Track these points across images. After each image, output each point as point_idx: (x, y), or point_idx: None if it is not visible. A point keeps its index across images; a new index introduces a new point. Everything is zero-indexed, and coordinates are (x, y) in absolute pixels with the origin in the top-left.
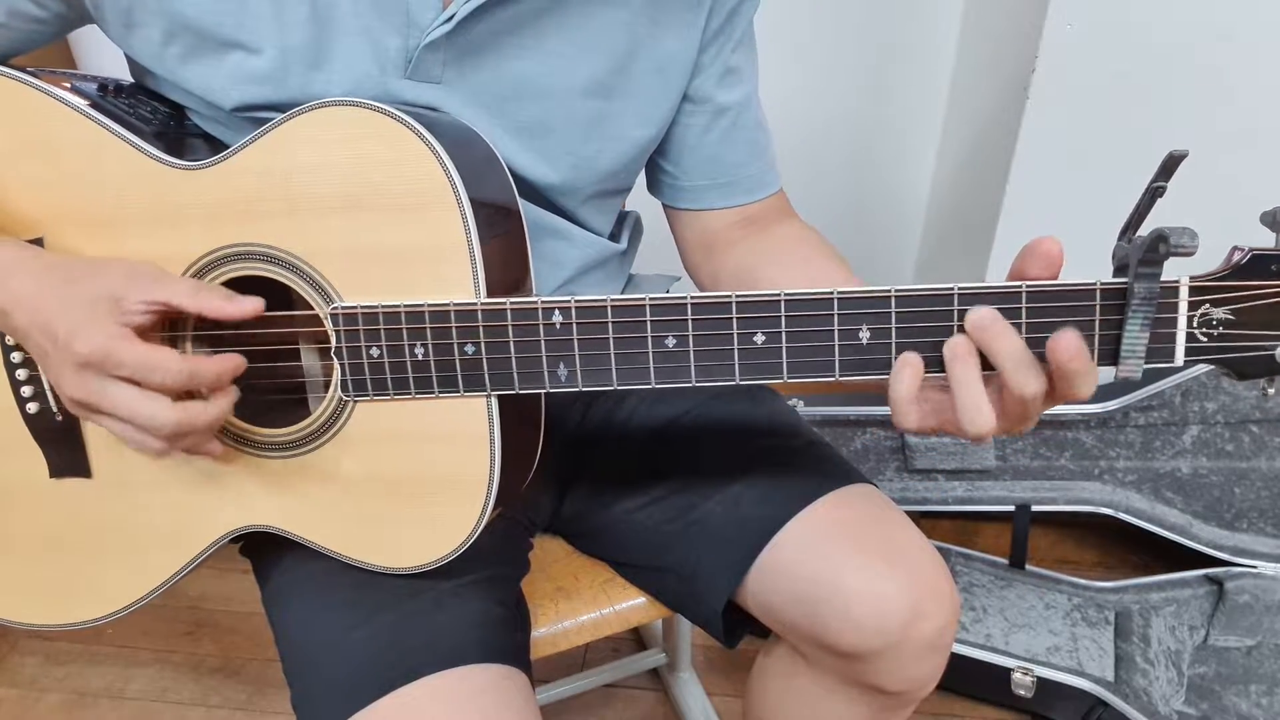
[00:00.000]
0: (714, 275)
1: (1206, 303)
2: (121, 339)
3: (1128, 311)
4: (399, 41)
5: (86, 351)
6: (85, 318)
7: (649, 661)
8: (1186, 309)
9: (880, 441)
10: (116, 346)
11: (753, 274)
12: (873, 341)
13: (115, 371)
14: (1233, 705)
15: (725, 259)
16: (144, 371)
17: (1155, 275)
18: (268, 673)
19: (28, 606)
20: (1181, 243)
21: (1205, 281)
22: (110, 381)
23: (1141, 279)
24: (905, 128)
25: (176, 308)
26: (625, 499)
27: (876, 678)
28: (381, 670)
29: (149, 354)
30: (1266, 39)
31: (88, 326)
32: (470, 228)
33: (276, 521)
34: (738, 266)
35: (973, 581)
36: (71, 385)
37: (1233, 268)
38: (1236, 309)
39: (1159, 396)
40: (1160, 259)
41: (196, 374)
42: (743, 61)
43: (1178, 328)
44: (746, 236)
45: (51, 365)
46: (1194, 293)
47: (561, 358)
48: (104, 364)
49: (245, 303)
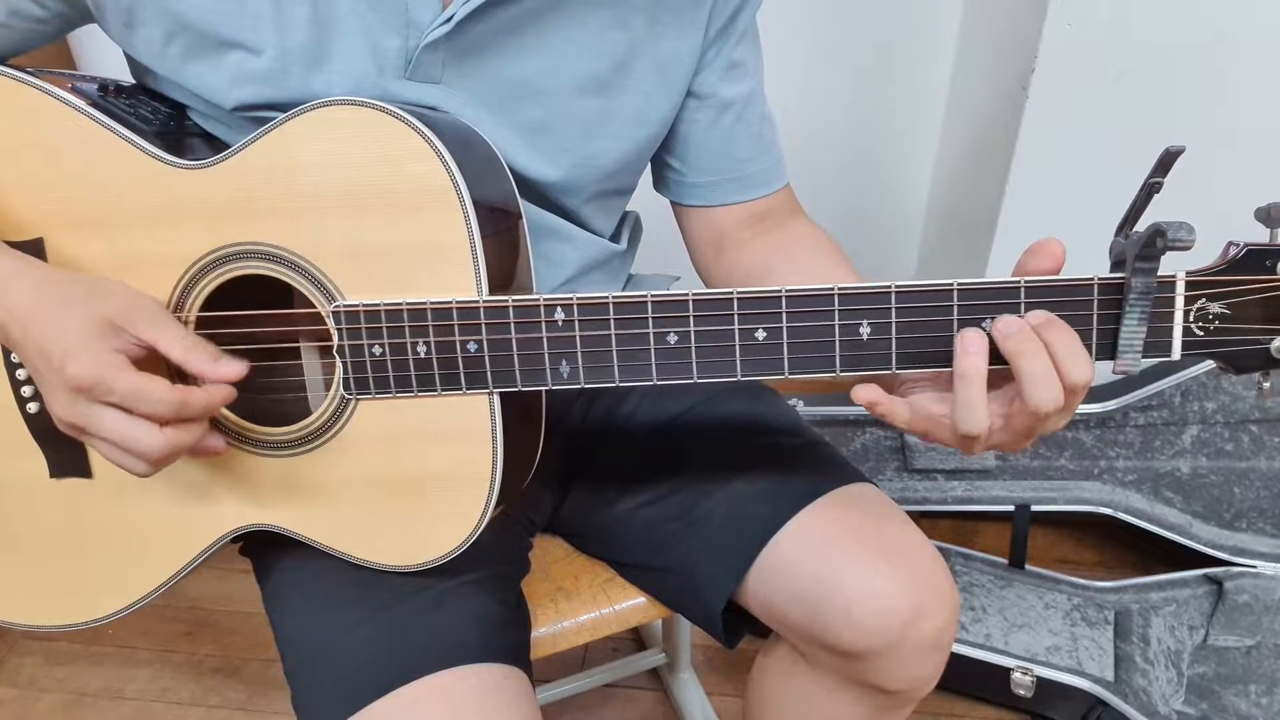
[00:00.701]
0: (727, 274)
1: (1203, 297)
2: (114, 367)
3: (1125, 306)
4: (398, 42)
5: (79, 376)
6: (80, 342)
7: (649, 661)
8: (1183, 303)
9: (880, 441)
10: (108, 374)
11: (770, 273)
12: (873, 337)
13: (105, 398)
14: (1232, 705)
15: (738, 257)
16: (132, 400)
17: (1152, 270)
18: (267, 673)
19: (28, 607)
20: (1179, 236)
21: (1202, 276)
22: (99, 407)
23: (1139, 273)
24: (905, 128)
25: (165, 355)
26: (626, 498)
27: (877, 677)
28: (382, 669)
29: (138, 383)
30: (1265, 39)
31: (82, 351)
32: (472, 226)
33: (278, 520)
34: (751, 265)
35: (972, 581)
36: (62, 407)
37: (1229, 263)
38: (1232, 303)
39: (1158, 396)
40: (1158, 253)
41: (186, 405)
42: (747, 56)
43: (1175, 322)
44: (759, 235)
45: (44, 383)
46: (1191, 287)
47: (564, 355)
48: (94, 390)
49: (230, 366)
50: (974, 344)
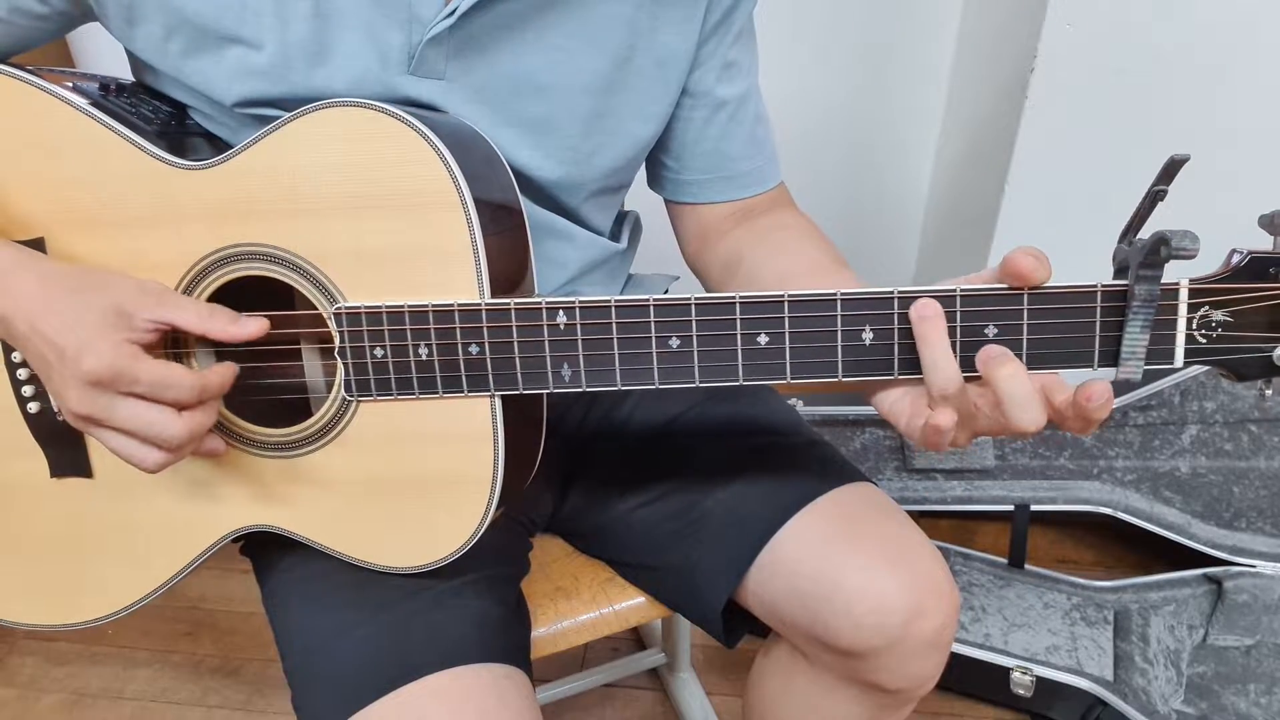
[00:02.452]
0: (706, 265)
1: (1206, 305)
2: (132, 357)
3: (1128, 313)
4: (401, 37)
5: (100, 369)
6: (93, 333)
7: (648, 661)
8: (1186, 311)
9: (879, 441)
10: (129, 365)
11: (740, 262)
12: (875, 342)
13: (129, 389)
14: (1231, 704)
15: (715, 248)
16: (158, 389)
17: (1156, 278)
18: (267, 673)
19: (29, 607)
20: (1183, 246)
21: (1205, 284)
22: (119, 397)
23: (1142, 281)
24: (904, 128)
25: (184, 329)
26: (626, 498)
27: (877, 676)
28: (382, 670)
29: (163, 371)
30: (1266, 39)
31: (97, 343)
32: (474, 228)
33: (278, 521)
34: (727, 255)
35: (972, 581)
36: (76, 401)
37: (1232, 270)
38: (1235, 311)
39: (1158, 396)
40: (1161, 262)
41: (207, 388)
42: (742, 55)
43: (1177, 329)
44: (736, 225)
45: (55, 379)
46: (1193, 295)
47: (565, 358)
48: (115, 382)
49: (250, 324)
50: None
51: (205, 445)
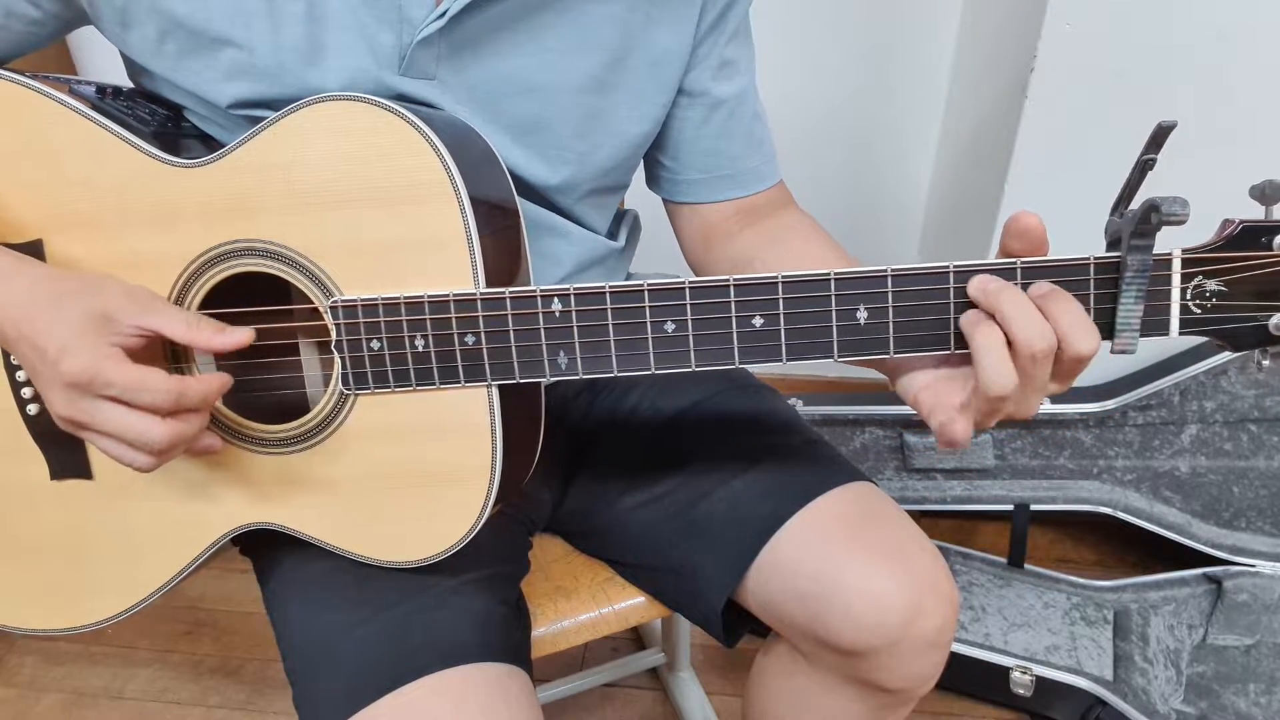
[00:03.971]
0: (714, 267)
1: (1199, 274)
2: (109, 359)
3: (1121, 284)
4: (393, 38)
5: (75, 371)
6: (74, 336)
7: (648, 661)
8: (1179, 281)
9: (879, 440)
10: (104, 367)
11: (755, 263)
12: (870, 321)
13: (104, 392)
14: (1231, 704)
15: (723, 250)
16: (132, 392)
17: (1148, 247)
18: (267, 673)
19: (29, 611)
20: (1173, 210)
21: (1198, 253)
22: (100, 401)
23: (1134, 251)
24: (904, 128)
25: (168, 338)
26: (625, 497)
27: (876, 675)
28: (383, 669)
29: (137, 375)
30: (1265, 39)
31: (76, 345)
32: (468, 219)
33: (278, 518)
34: (737, 256)
35: (971, 581)
36: (60, 403)
37: (1225, 239)
38: (1229, 280)
39: (1157, 395)
40: (1153, 229)
41: (184, 395)
42: (738, 54)
43: (1172, 300)
44: (744, 228)
45: (41, 381)
46: (1187, 265)
47: (561, 345)
48: (91, 384)
49: (236, 334)
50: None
51: (200, 443)
